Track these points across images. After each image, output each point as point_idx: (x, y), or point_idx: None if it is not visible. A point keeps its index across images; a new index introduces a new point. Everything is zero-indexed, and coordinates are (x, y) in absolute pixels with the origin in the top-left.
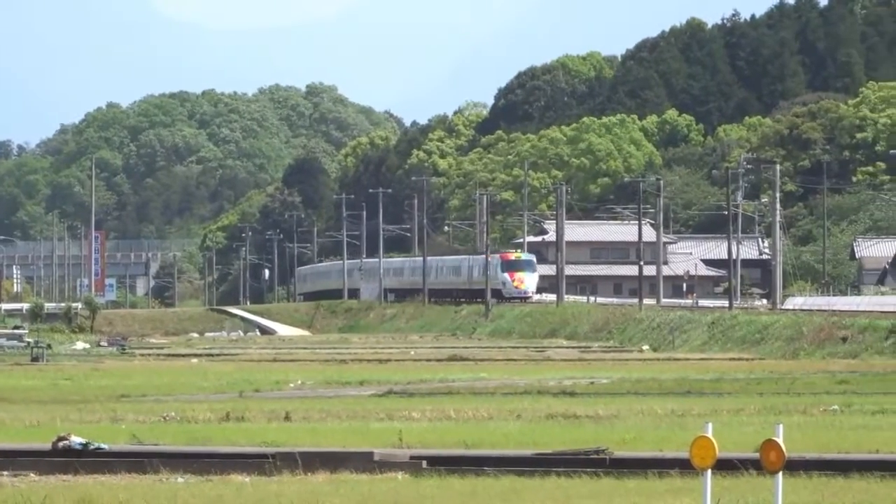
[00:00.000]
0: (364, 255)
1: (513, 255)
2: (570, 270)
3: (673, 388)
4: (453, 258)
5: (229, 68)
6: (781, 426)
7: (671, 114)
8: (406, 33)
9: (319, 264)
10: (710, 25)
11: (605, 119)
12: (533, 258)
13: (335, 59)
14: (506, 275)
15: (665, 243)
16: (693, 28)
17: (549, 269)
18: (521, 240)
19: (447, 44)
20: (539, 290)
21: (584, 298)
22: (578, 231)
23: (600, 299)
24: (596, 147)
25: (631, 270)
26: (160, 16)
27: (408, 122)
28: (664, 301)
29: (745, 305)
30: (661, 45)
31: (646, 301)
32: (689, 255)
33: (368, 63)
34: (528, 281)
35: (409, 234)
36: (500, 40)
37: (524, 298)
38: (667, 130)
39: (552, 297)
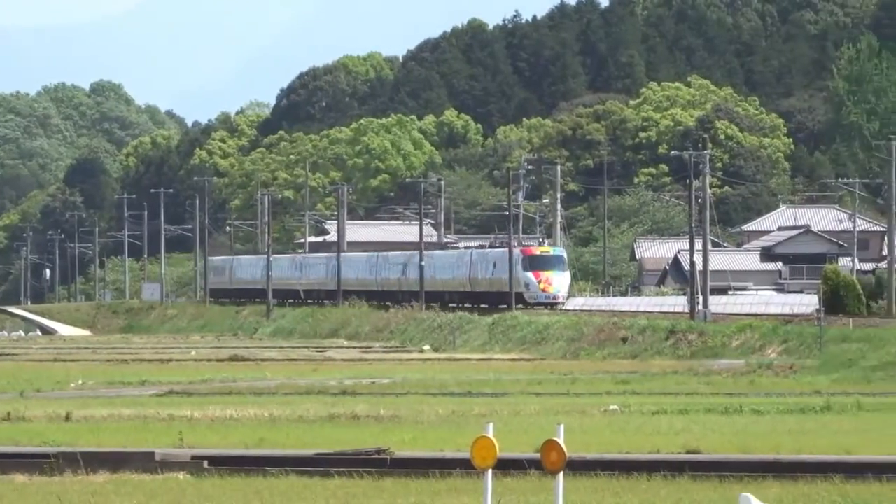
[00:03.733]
0: (146, 255)
1: (538, 250)
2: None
3: (454, 389)
4: (448, 252)
5: (13, 67)
6: (562, 426)
7: (449, 114)
8: (190, 33)
9: (242, 257)
10: (491, 26)
11: (384, 120)
12: (563, 253)
13: (121, 58)
14: (530, 274)
15: (446, 243)
16: (474, 29)
17: None
18: (303, 240)
19: (230, 44)
20: None
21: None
22: (360, 231)
23: None
24: (374, 147)
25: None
26: None
27: (190, 122)
28: None
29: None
30: (443, 45)
31: None
32: None
33: (153, 62)
34: (557, 282)
35: (190, 235)
36: (283, 40)
37: (553, 304)
38: (446, 131)
39: None
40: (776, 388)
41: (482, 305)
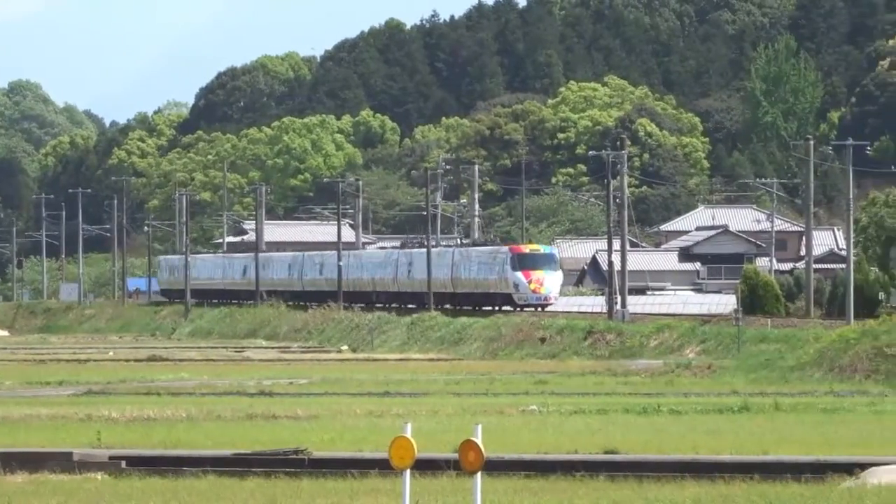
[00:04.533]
0: (64, 255)
1: (527, 248)
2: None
3: (372, 389)
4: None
5: None
6: (480, 426)
7: (367, 114)
8: (108, 31)
9: (202, 256)
10: (409, 26)
11: (306, 119)
12: (554, 251)
13: (39, 57)
14: (519, 274)
15: (364, 243)
16: (392, 29)
17: None
18: (221, 240)
19: (148, 42)
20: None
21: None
22: (278, 231)
23: None
24: (294, 147)
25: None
26: None
27: (109, 122)
28: None
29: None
30: (360, 45)
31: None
32: None
33: (71, 61)
34: (549, 282)
35: (108, 235)
36: (201, 39)
37: (544, 306)
38: (364, 131)
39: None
40: (694, 389)
41: (465, 307)
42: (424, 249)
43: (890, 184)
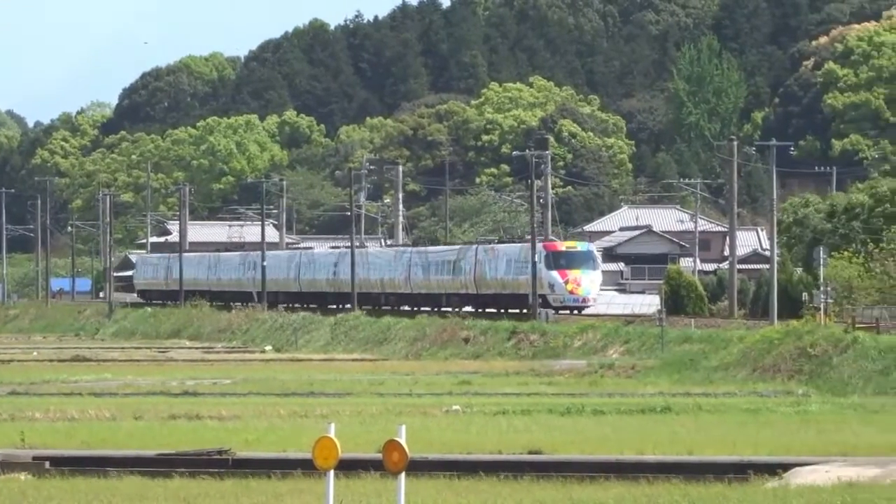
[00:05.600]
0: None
1: (563, 245)
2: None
3: (296, 389)
4: (444, 248)
5: None
6: (404, 427)
7: (290, 114)
8: (32, 32)
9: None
10: (333, 26)
11: (231, 120)
12: (592, 249)
13: None
14: (554, 273)
15: (288, 244)
16: (316, 29)
17: None
18: (145, 240)
19: (72, 43)
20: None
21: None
22: (203, 231)
23: None
24: (218, 148)
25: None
26: None
27: (32, 122)
28: None
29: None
30: (285, 45)
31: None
32: None
33: None
34: (586, 282)
35: (32, 235)
36: (125, 40)
37: (581, 308)
38: (288, 131)
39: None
40: (618, 389)
41: (489, 310)
42: (441, 247)
43: (814, 184)
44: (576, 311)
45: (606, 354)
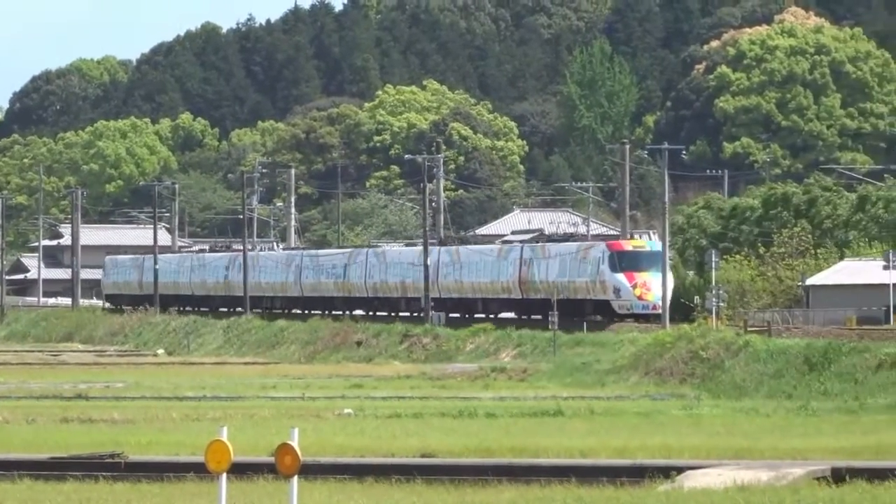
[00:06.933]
0: None
1: (629, 244)
2: (86, 274)
3: (188, 393)
4: (481, 248)
5: None
6: (297, 430)
7: (185, 118)
8: None
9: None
10: (225, 30)
11: (119, 123)
12: (659, 249)
13: None
14: (620, 276)
15: (180, 247)
16: (208, 32)
17: (64, 273)
18: (37, 243)
19: None
20: (52, 294)
21: (100, 302)
22: (95, 235)
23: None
24: (108, 153)
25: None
26: None
27: None
28: None
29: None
30: (177, 49)
31: None
32: None
33: None
34: (656, 287)
35: None
36: (15, 43)
37: (650, 316)
38: (182, 135)
39: (67, 300)
40: (510, 392)
41: (535, 317)
42: (475, 246)
43: (705, 187)
44: (644, 320)
45: (498, 358)
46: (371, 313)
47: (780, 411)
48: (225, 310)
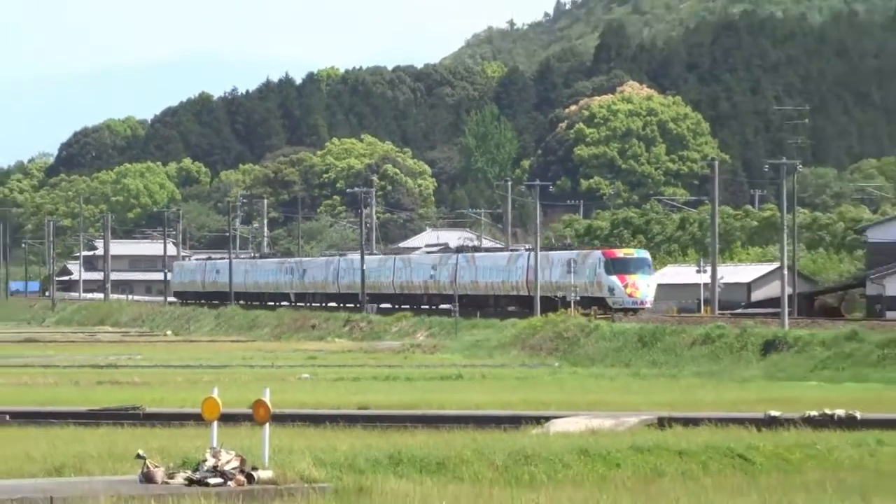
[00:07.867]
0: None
1: (621, 252)
2: (114, 276)
3: (189, 363)
4: (498, 254)
5: None
6: (268, 389)
7: (186, 162)
8: None
9: (218, 261)
10: (216, 97)
11: (139, 166)
12: (647, 255)
13: None
14: (614, 278)
15: (184, 256)
16: (204, 99)
17: (98, 275)
18: (78, 254)
19: (15, 103)
20: (89, 290)
21: (125, 296)
22: (120, 248)
23: (136, 297)
24: (131, 187)
25: (159, 276)
26: None
27: None
28: None
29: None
30: (180, 111)
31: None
32: None
33: None
34: (643, 286)
35: None
36: (58, 103)
37: (637, 310)
38: (184, 174)
39: (100, 295)
40: (424, 362)
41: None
42: (490, 253)
43: (567, 212)
44: (632, 313)
45: (415, 337)
46: (396, 307)
47: (621, 376)
48: (272, 303)
